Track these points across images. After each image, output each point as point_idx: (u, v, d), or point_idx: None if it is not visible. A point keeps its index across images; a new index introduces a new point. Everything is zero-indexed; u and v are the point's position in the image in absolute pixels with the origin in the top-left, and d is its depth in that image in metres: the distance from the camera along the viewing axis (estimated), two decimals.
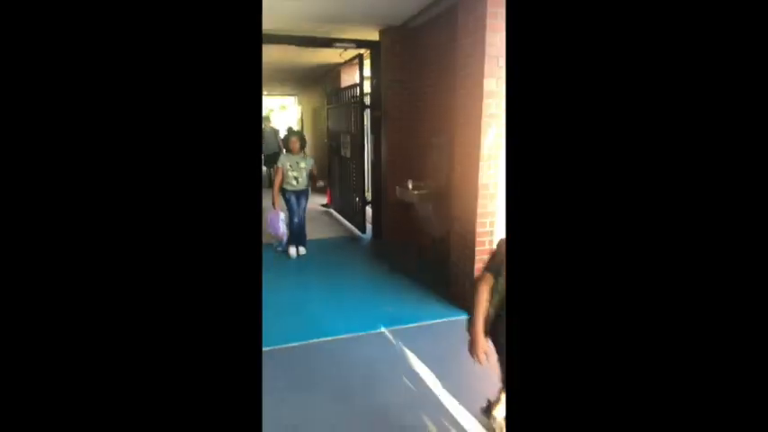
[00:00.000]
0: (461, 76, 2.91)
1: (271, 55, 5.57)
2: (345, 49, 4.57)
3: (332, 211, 6.34)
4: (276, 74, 8.02)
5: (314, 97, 10.02)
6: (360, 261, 4.29)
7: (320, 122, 9.30)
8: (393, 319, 2.89)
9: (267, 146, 8.12)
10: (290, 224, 4.28)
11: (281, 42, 4.40)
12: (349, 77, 6.56)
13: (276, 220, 4.21)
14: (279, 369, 2.32)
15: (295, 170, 4.16)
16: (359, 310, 3.06)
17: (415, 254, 4.35)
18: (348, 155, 5.27)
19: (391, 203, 4.65)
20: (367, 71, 4.82)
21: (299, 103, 13.42)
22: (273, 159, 8.16)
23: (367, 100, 4.81)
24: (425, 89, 4.32)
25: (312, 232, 4.74)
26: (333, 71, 7.08)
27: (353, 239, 5.06)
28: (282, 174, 4.15)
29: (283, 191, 4.19)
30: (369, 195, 5.13)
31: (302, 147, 4.26)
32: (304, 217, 4.32)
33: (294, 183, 4.18)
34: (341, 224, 5.70)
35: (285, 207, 4.25)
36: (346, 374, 2.29)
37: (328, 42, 4.34)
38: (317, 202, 6.56)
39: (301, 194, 4.24)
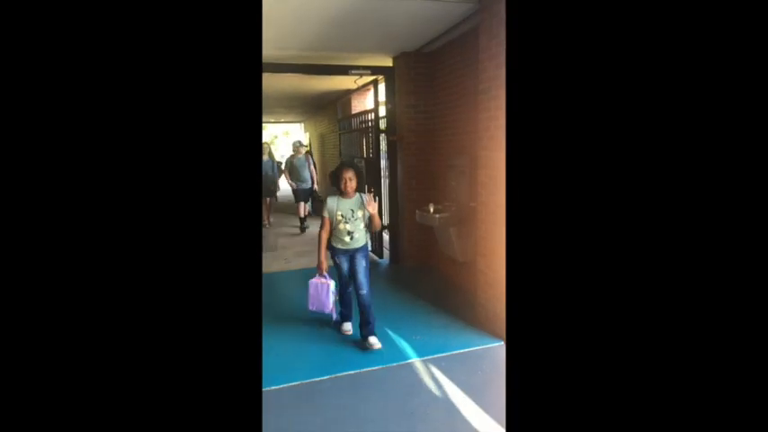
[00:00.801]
0: (483, 99, 2.90)
1: (278, 83, 5.63)
2: (361, 75, 4.62)
3: None
4: (283, 101, 8.13)
5: (321, 123, 10.15)
6: (381, 287, 4.21)
7: (328, 148, 9.37)
8: (423, 349, 2.80)
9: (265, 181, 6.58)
10: (341, 297, 3.02)
11: (295, 71, 4.46)
12: (359, 103, 6.63)
13: (324, 293, 2.84)
14: (310, 405, 2.23)
15: (349, 221, 2.74)
16: (386, 340, 2.96)
17: (436, 278, 4.27)
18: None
19: (409, 228, 4.61)
20: (380, 96, 4.85)
21: (306, 129, 13.59)
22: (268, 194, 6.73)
23: (381, 124, 4.83)
24: (441, 113, 4.34)
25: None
26: (343, 97, 7.17)
27: (372, 265, 4.98)
28: (331, 226, 2.80)
29: (332, 249, 2.85)
30: (385, 220, 5.09)
31: (360, 186, 2.80)
32: (368, 286, 2.84)
33: (347, 239, 2.77)
34: None
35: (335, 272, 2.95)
36: (383, 409, 2.19)
37: (344, 70, 4.39)
38: None
39: (357, 254, 2.82)
